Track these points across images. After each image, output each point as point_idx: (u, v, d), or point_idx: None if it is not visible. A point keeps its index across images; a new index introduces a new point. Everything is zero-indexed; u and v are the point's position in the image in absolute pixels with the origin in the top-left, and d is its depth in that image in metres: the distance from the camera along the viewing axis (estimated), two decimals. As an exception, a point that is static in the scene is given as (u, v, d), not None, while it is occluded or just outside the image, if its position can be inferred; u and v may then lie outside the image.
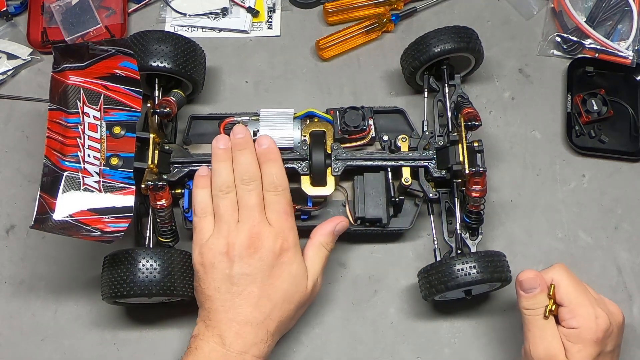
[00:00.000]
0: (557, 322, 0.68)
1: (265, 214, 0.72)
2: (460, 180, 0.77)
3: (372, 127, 0.80)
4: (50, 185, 0.70)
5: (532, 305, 0.68)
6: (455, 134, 0.78)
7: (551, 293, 0.68)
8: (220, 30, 0.92)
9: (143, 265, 0.70)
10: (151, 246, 0.76)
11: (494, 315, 0.81)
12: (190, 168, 0.77)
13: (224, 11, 0.92)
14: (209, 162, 0.77)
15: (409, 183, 0.78)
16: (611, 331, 0.66)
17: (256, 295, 0.69)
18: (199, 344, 0.68)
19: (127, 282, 0.70)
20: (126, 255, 0.71)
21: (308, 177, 0.77)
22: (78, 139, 0.73)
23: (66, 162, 0.72)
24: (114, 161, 0.73)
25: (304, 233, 0.81)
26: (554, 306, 0.67)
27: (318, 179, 0.77)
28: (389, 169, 0.79)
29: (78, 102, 0.74)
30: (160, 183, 0.73)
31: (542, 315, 0.67)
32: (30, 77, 0.89)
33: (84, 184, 0.72)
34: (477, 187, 0.74)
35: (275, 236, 0.70)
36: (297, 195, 0.78)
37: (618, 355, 0.69)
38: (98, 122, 0.73)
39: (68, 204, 0.71)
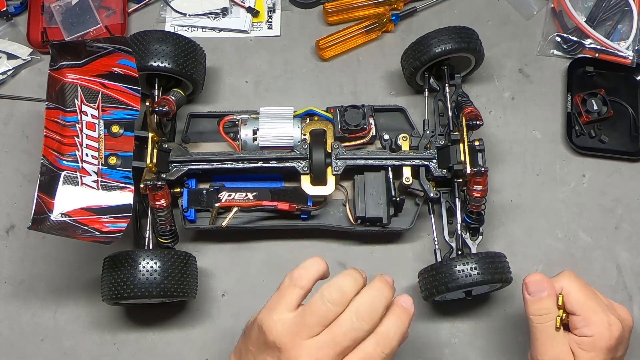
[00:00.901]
0: (567, 329, 0.66)
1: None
2: (461, 180, 0.77)
3: (373, 125, 0.80)
4: (48, 185, 0.70)
5: (539, 312, 0.66)
6: (456, 133, 0.78)
7: (560, 302, 0.66)
8: (220, 30, 0.92)
9: (143, 267, 0.70)
10: (151, 247, 0.76)
11: (494, 315, 0.80)
12: (189, 167, 0.77)
13: (224, 11, 0.92)
14: (208, 160, 0.77)
15: (409, 182, 0.78)
16: (623, 337, 0.65)
17: None
18: None
19: (127, 284, 0.70)
20: (126, 256, 0.71)
21: (308, 176, 0.77)
22: (76, 138, 0.73)
23: (64, 162, 0.72)
24: (113, 160, 0.73)
25: (304, 233, 0.82)
26: (564, 314, 0.66)
27: (318, 178, 0.77)
28: (389, 168, 0.78)
29: (76, 101, 0.73)
30: (159, 182, 0.73)
31: (552, 324, 0.65)
32: (30, 77, 0.89)
33: (82, 183, 0.72)
34: (479, 187, 0.74)
35: None
36: (297, 195, 0.78)
37: (623, 357, 0.68)
38: (96, 121, 0.73)
39: (66, 204, 0.71)
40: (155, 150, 0.76)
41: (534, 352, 0.66)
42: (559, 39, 0.91)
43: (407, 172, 0.78)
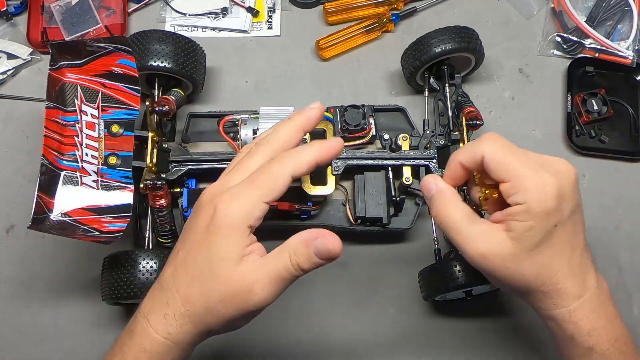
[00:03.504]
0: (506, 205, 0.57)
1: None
2: (460, 180, 0.77)
3: (373, 125, 0.80)
4: (47, 184, 0.70)
5: (441, 210, 0.59)
6: (456, 133, 0.78)
7: (477, 181, 0.60)
8: (220, 30, 0.92)
9: (143, 267, 0.70)
10: (151, 247, 0.76)
11: (494, 315, 0.80)
12: (189, 167, 0.77)
13: (224, 11, 0.92)
14: (208, 160, 0.77)
15: (409, 182, 0.78)
16: (563, 195, 0.56)
17: (178, 255, 0.58)
18: None
19: (128, 284, 0.70)
20: (126, 256, 0.71)
21: (308, 176, 0.77)
22: (76, 138, 0.73)
23: (64, 161, 0.72)
24: (113, 160, 0.73)
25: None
26: (488, 191, 0.59)
27: (318, 178, 0.77)
28: (389, 168, 0.78)
29: (75, 100, 0.73)
30: (159, 182, 0.73)
31: (460, 212, 0.58)
32: (30, 77, 0.89)
33: (82, 183, 0.72)
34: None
35: (213, 199, 0.57)
36: (297, 195, 0.78)
37: (581, 214, 0.60)
38: (96, 121, 0.73)
39: (66, 204, 0.71)
40: (155, 150, 0.76)
41: (464, 248, 0.58)
42: (559, 39, 0.91)
43: (407, 172, 0.78)
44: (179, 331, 0.57)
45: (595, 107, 0.87)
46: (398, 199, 0.77)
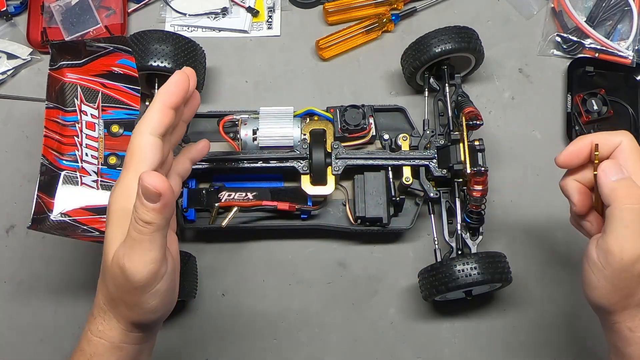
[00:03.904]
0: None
1: None
2: (461, 180, 0.77)
3: (373, 125, 0.80)
4: (47, 184, 0.70)
5: (627, 195, 0.56)
6: (456, 133, 0.78)
7: (596, 160, 0.59)
8: (220, 30, 0.92)
9: (143, 267, 0.70)
10: (151, 246, 0.76)
11: (494, 315, 0.80)
12: (190, 167, 0.77)
13: (224, 11, 0.92)
14: (208, 160, 0.77)
15: (409, 182, 0.78)
16: None
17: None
18: None
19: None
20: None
21: (308, 176, 0.77)
22: (76, 138, 0.73)
23: (64, 161, 0.72)
24: (112, 160, 0.73)
25: (304, 233, 0.82)
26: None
27: (318, 178, 0.77)
28: (389, 168, 0.78)
29: (75, 100, 0.73)
30: (160, 182, 0.73)
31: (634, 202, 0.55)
32: (30, 77, 0.89)
33: (82, 183, 0.72)
34: (479, 187, 0.74)
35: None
36: (297, 195, 0.78)
37: None
38: (96, 121, 0.73)
39: (66, 204, 0.71)
40: (155, 150, 0.75)
41: (615, 243, 0.56)
42: (559, 39, 0.91)
43: (407, 172, 0.78)
44: (107, 327, 0.57)
45: (595, 107, 0.87)
46: (398, 199, 0.77)
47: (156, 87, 0.81)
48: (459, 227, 0.77)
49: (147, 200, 0.51)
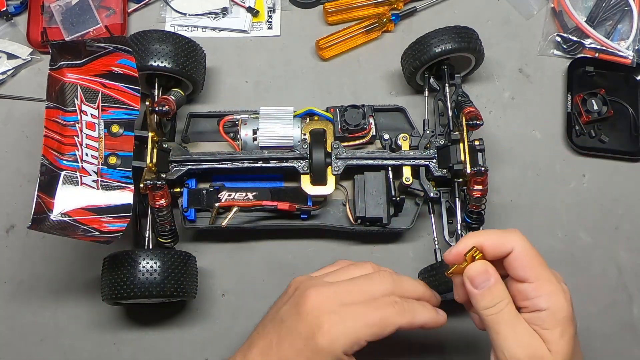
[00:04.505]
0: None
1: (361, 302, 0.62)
2: (461, 180, 0.77)
3: (373, 125, 0.80)
4: (47, 184, 0.70)
5: (492, 302, 0.56)
6: (456, 133, 0.78)
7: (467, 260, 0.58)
8: (220, 30, 0.92)
9: (143, 267, 0.70)
10: (151, 247, 0.76)
11: (495, 315, 0.80)
12: (189, 167, 0.77)
13: (224, 11, 0.92)
14: (208, 160, 0.77)
15: (409, 182, 0.78)
16: (572, 302, 0.57)
17: (272, 347, 0.62)
18: None
19: (127, 283, 0.70)
20: (126, 256, 0.71)
21: (308, 176, 0.77)
22: (76, 138, 0.73)
23: (64, 161, 0.72)
24: (113, 160, 0.73)
25: (304, 233, 0.82)
26: None
27: (318, 178, 0.77)
28: (389, 168, 0.78)
29: (75, 100, 0.73)
30: (159, 182, 0.73)
31: (509, 310, 0.56)
32: (30, 77, 0.89)
33: (82, 183, 0.72)
34: (479, 187, 0.74)
35: (328, 314, 0.60)
36: (297, 195, 0.78)
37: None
38: (96, 121, 0.73)
39: (66, 204, 0.71)
40: (155, 150, 0.76)
41: (499, 350, 0.56)
42: (559, 39, 0.91)
43: (407, 172, 0.78)
44: None
45: (595, 107, 0.87)
46: (398, 199, 0.77)
47: (156, 87, 0.81)
48: (459, 227, 0.77)
49: None
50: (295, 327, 0.60)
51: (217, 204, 0.77)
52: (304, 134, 0.79)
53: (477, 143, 0.77)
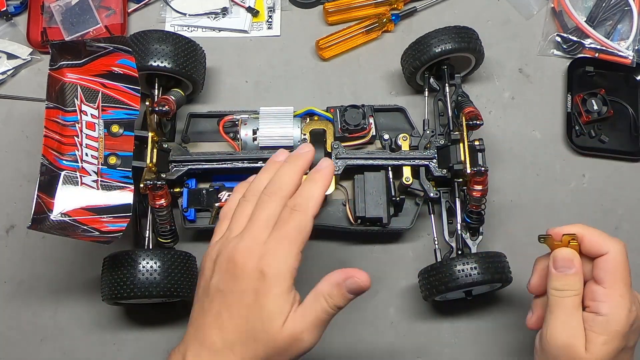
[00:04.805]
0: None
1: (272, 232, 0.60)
2: (461, 180, 0.77)
3: (373, 125, 0.80)
4: (47, 184, 0.70)
5: (562, 286, 0.61)
6: (456, 133, 0.78)
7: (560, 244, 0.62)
8: (220, 30, 0.92)
9: (143, 267, 0.70)
10: (151, 247, 0.76)
11: (494, 315, 0.80)
12: (189, 167, 0.77)
13: (224, 11, 0.92)
14: (208, 160, 0.77)
15: (409, 182, 0.78)
16: (637, 325, 0.60)
17: (223, 318, 0.59)
18: None
19: (127, 283, 0.70)
20: (126, 256, 0.71)
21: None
22: (76, 138, 0.73)
23: (64, 161, 0.72)
24: (112, 160, 0.73)
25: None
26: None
27: (318, 178, 0.77)
28: (389, 168, 0.78)
29: (75, 100, 0.73)
30: (159, 182, 0.73)
31: (572, 301, 0.60)
32: (30, 77, 0.89)
33: (82, 183, 0.72)
34: (479, 187, 0.74)
35: (260, 259, 0.58)
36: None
37: (633, 351, 0.62)
38: (96, 121, 0.73)
39: (66, 204, 0.70)
40: (155, 150, 0.76)
41: (547, 330, 0.61)
42: (559, 39, 0.91)
43: (407, 172, 0.78)
44: None
45: (595, 107, 0.87)
46: (398, 199, 0.77)
47: (156, 87, 0.81)
48: (459, 227, 0.77)
49: (352, 294, 0.58)
50: (238, 287, 0.58)
51: (217, 204, 0.77)
52: (304, 134, 0.79)
53: (477, 143, 0.77)
